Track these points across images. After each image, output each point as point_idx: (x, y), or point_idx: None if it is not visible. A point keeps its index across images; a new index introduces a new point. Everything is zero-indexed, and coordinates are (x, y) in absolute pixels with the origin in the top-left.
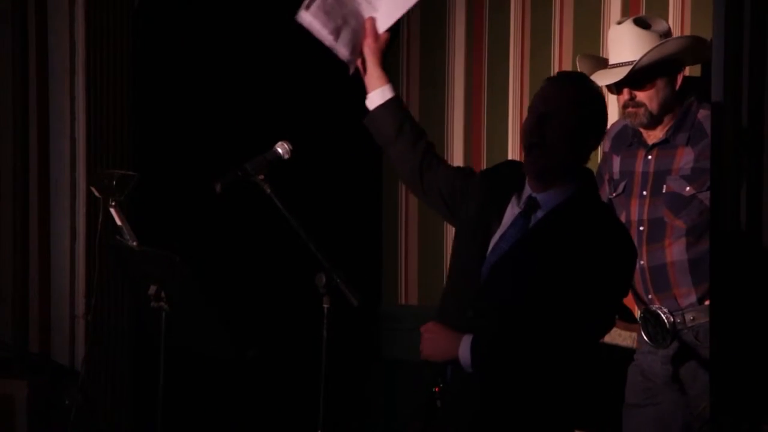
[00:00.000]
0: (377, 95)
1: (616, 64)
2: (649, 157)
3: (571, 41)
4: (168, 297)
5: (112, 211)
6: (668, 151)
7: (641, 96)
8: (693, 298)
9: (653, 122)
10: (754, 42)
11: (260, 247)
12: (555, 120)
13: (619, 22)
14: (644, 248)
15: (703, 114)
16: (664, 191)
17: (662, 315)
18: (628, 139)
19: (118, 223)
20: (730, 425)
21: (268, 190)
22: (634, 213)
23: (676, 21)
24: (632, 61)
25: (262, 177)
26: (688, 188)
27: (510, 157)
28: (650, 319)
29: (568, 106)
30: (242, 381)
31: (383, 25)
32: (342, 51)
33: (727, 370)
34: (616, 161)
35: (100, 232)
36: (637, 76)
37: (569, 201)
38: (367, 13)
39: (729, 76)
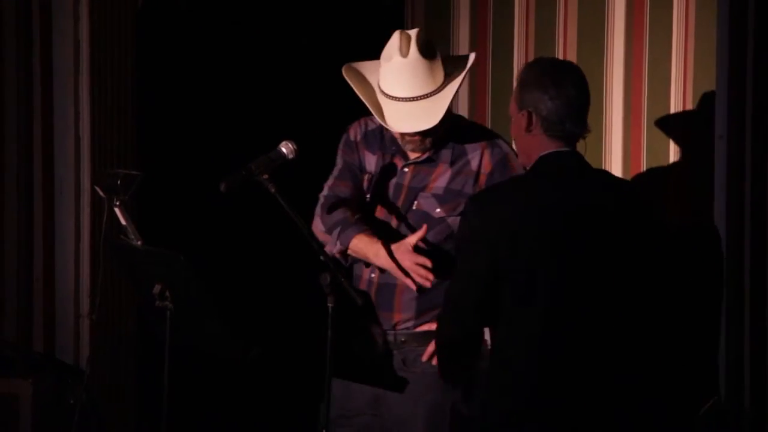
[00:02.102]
0: None
1: (411, 97)
2: (406, 170)
3: (575, 42)
4: (172, 296)
5: (117, 210)
6: (427, 167)
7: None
8: (411, 324)
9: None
10: (758, 41)
11: (265, 246)
12: None
13: (404, 52)
14: None
15: (463, 128)
16: (414, 208)
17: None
18: (383, 142)
19: (123, 222)
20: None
21: (273, 190)
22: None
23: (680, 20)
24: (425, 95)
25: (266, 176)
26: (438, 210)
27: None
28: None
29: None
30: (246, 380)
31: None
32: None
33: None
34: (371, 159)
35: (104, 231)
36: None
37: None
38: None
39: (733, 76)
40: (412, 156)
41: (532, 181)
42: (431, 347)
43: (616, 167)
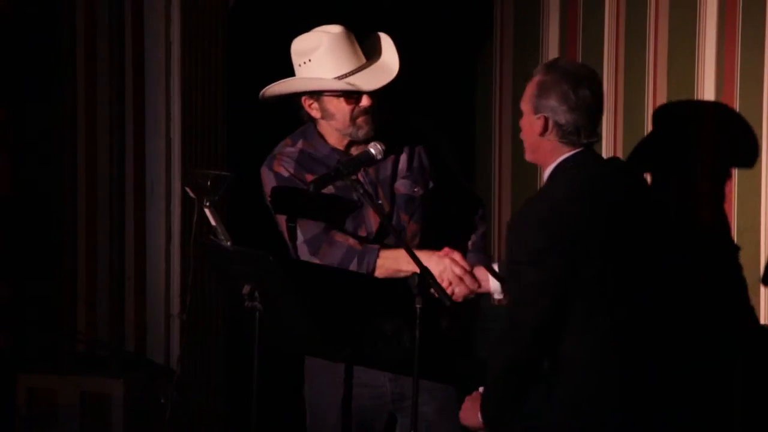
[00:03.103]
0: None
1: (364, 64)
2: (368, 169)
3: (666, 42)
4: (262, 296)
5: (207, 211)
6: (381, 161)
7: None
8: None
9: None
10: None
11: None
12: None
13: (329, 31)
14: None
15: (390, 114)
16: (396, 194)
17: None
18: (317, 160)
19: (213, 223)
20: None
21: (362, 191)
22: (375, 223)
23: None
24: (370, 62)
25: (355, 177)
26: (416, 189)
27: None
28: None
29: None
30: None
31: None
32: None
33: None
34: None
35: (194, 231)
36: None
37: None
38: None
39: None
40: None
41: (571, 187)
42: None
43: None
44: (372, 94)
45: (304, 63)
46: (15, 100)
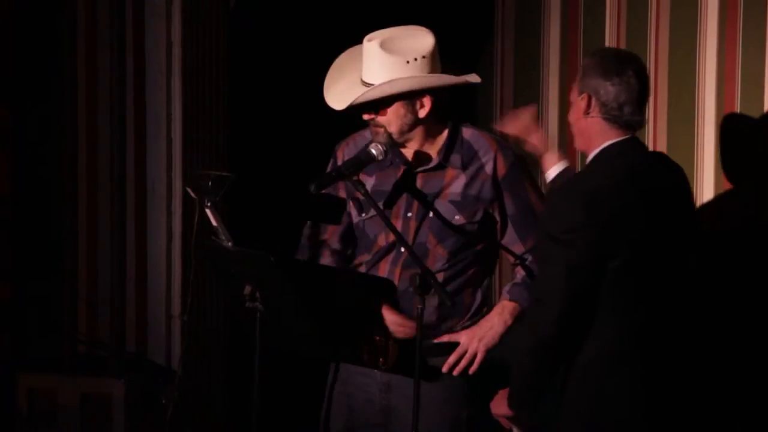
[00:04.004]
0: None
1: (363, 82)
2: (416, 177)
3: (667, 41)
4: (263, 297)
5: (208, 211)
6: (437, 173)
7: (380, 119)
8: (429, 334)
9: (402, 142)
10: None
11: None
12: None
13: (370, 39)
14: (398, 271)
15: (468, 132)
16: (431, 215)
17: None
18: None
19: (214, 223)
20: None
21: (363, 191)
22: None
23: None
24: (370, 84)
25: (356, 178)
26: (457, 217)
27: None
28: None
29: None
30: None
31: None
32: None
33: None
34: (368, 180)
35: (195, 232)
36: (373, 102)
37: None
38: None
39: None
40: (416, 162)
41: (614, 173)
42: (452, 358)
43: (708, 168)
44: (373, 110)
45: None
46: (15, 99)
